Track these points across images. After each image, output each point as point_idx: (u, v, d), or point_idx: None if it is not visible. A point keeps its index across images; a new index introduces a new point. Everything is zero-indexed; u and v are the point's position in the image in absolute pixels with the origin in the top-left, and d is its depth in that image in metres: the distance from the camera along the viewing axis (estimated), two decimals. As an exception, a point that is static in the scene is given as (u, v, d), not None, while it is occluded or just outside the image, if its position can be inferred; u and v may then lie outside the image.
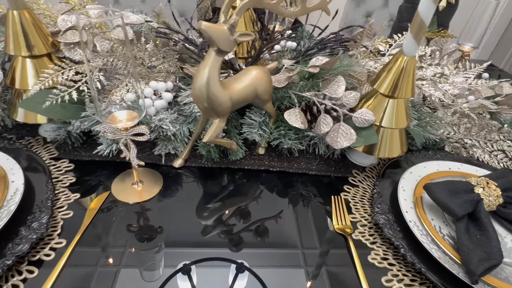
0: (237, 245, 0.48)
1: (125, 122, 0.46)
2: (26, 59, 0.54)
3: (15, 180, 0.48)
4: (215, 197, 0.56)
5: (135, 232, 0.48)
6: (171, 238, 0.48)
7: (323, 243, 0.51)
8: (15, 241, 0.42)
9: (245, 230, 0.51)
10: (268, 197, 0.58)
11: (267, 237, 0.50)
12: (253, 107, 0.62)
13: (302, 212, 0.55)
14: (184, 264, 0.42)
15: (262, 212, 0.55)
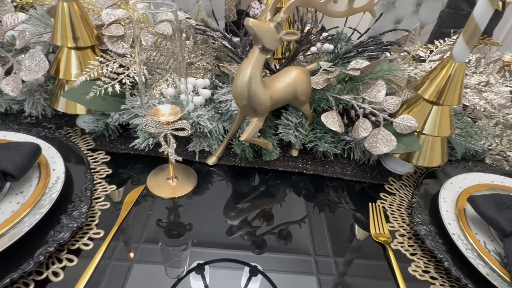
0: (255, 248, 0.47)
1: (167, 116, 0.46)
2: (71, 50, 0.55)
3: (56, 169, 0.49)
4: (245, 197, 0.55)
5: (164, 228, 0.48)
6: (192, 237, 0.47)
7: (354, 251, 0.49)
8: (57, 229, 0.42)
9: (268, 233, 0.49)
10: (297, 201, 0.57)
11: (290, 242, 0.49)
12: (289, 108, 0.61)
13: (331, 219, 0.54)
14: (198, 264, 0.41)
15: (290, 215, 0.53)
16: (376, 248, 0.49)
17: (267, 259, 0.45)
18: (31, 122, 0.62)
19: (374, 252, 0.49)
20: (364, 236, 0.51)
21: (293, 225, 0.52)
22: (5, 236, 0.39)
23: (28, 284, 0.38)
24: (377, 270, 0.47)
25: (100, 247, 0.42)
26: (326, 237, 0.50)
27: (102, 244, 0.43)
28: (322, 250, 0.48)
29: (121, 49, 0.57)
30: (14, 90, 0.53)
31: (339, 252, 0.48)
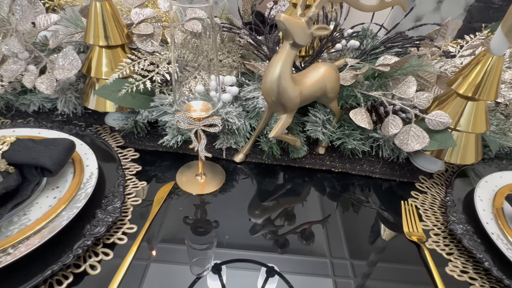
0: (277, 248, 0.46)
1: (199, 112, 0.46)
2: (102, 49, 0.56)
3: (89, 165, 0.50)
4: (270, 196, 0.55)
5: (191, 225, 0.48)
6: (217, 236, 0.47)
7: (382, 251, 0.48)
8: (93, 223, 0.43)
9: (290, 232, 0.48)
10: (322, 200, 0.55)
11: (311, 242, 0.48)
12: (316, 105, 0.60)
13: (357, 218, 0.53)
14: (215, 263, 0.41)
15: (314, 214, 0.52)
16: (407, 248, 0.48)
17: (286, 260, 0.44)
18: (62, 120, 0.64)
19: (405, 252, 0.48)
20: (390, 235, 0.50)
21: (316, 225, 0.51)
22: (45, 229, 0.39)
23: (67, 276, 0.38)
24: (409, 271, 0.45)
25: (134, 242, 0.43)
26: (349, 237, 0.49)
27: (136, 238, 0.43)
28: (348, 252, 0.47)
29: (150, 47, 0.58)
30: (49, 89, 0.55)
31: (365, 252, 0.47)
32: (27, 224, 0.41)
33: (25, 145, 0.45)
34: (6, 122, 0.61)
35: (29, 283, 0.35)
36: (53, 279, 0.38)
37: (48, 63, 0.58)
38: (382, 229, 0.51)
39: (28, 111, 0.64)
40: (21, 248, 0.37)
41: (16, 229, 0.40)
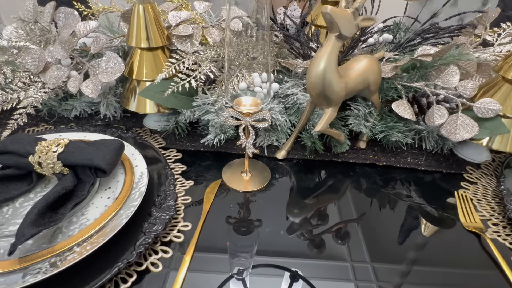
0: (312, 248, 0.44)
1: (248, 106, 0.46)
2: (143, 52, 0.57)
3: (138, 165, 0.50)
4: (311, 193, 0.54)
5: (236, 223, 0.47)
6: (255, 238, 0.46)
7: (439, 244, 0.46)
8: (150, 221, 0.42)
9: (326, 232, 0.46)
10: (363, 196, 0.54)
11: (347, 241, 0.45)
12: (357, 99, 0.60)
13: (403, 213, 0.51)
14: (238, 269, 0.39)
15: (355, 211, 0.51)
16: (462, 238, 0.46)
17: (316, 264, 0.42)
18: (102, 124, 0.64)
19: (464, 244, 0.46)
20: (433, 230, 0.48)
21: (353, 223, 0.48)
22: (106, 228, 0.39)
23: (130, 274, 0.38)
24: (468, 261, 0.44)
25: (192, 239, 0.42)
26: (388, 237, 0.47)
27: (193, 235, 0.43)
28: (386, 255, 0.45)
29: (190, 48, 0.58)
30: (93, 92, 0.55)
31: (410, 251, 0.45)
32: (87, 223, 0.41)
33: (78, 146, 0.46)
34: (49, 128, 0.62)
35: (97, 281, 0.35)
36: (117, 277, 0.38)
37: (89, 68, 0.59)
38: (423, 224, 0.50)
39: (70, 117, 0.65)
40: (87, 246, 0.37)
41: (77, 229, 0.40)
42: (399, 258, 0.43)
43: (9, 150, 0.44)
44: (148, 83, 0.58)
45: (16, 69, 0.61)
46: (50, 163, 0.44)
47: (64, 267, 0.34)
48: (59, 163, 0.44)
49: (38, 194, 0.46)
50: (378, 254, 0.43)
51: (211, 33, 0.58)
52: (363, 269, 0.42)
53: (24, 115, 0.59)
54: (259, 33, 0.46)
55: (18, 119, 0.58)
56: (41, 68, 0.60)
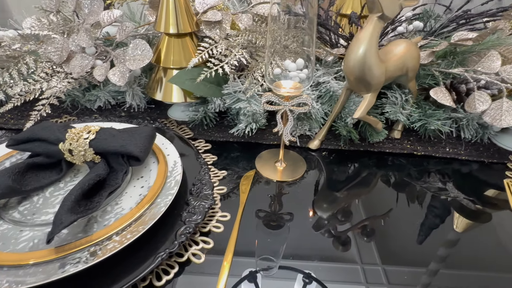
0: (338, 245, 0.40)
1: (288, 89, 0.44)
2: (171, 38, 0.55)
3: (170, 154, 0.48)
4: (343, 185, 0.50)
5: (262, 218, 0.44)
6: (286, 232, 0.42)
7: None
8: (188, 210, 0.40)
9: (354, 227, 0.43)
10: (396, 188, 0.51)
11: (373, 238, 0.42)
12: (393, 86, 0.57)
13: (435, 206, 0.47)
14: (250, 272, 0.37)
15: (387, 205, 0.47)
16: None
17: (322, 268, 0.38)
18: (126, 115, 0.62)
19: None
20: (467, 225, 0.45)
21: (387, 218, 0.45)
22: (145, 216, 0.37)
23: (172, 266, 0.36)
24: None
25: (233, 230, 0.40)
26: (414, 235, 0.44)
27: (233, 226, 0.41)
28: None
29: (218, 35, 0.56)
30: (121, 80, 0.53)
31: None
32: (122, 213, 0.39)
33: (110, 133, 0.44)
34: (72, 119, 0.60)
35: (139, 272, 0.33)
36: (158, 269, 0.35)
37: (114, 56, 0.57)
38: (456, 219, 0.46)
39: (93, 108, 0.63)
40: (127, 235, 0.35)
41: (112, 218, 0.38)
42: (429, 258, 0.39)
43: (38, 137, 0.42)
44: (175, 71, 0.56)
45: (38, 59, 0.59)
46: (82, 150, 0.42)
47: (105, 257, 0.32)
48: (91, 151, 0.42)
49: (68, 184, 0.44)
50: (407, 254, 0.40)
51: (240, 19, 0.56)
52: (395, 272, 0.39)
53: (47, 106, 0.57)
54: (298, 19, 0.43)
55: (41, 110, 0.56)
56: (64, 58, 0.58)
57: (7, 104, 0.57)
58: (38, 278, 0.30)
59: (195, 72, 0.54)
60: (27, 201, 0.41)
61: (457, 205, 0.48)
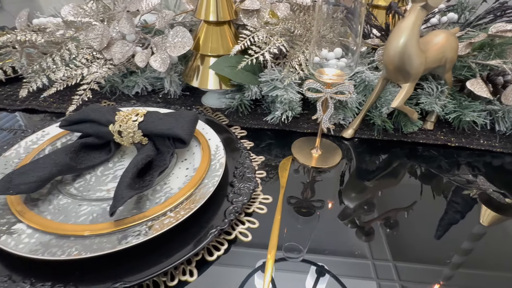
0: (361, 235, 0.41)
1: (330, 76, 0.45)
2: (210, 26, 0.56)
3: (211, 138, 0.49)
4: (372, 175, 0.51)
5: (292, 205, 0.44)
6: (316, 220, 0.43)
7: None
8: (234, 191, 0.42)
9: (377, 219, 0.43)
10: (424, 180, 0.51)
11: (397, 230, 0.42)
12: (428, 77, 0.57)
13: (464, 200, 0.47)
14: (263, 262, 0.37)
15: (412, 197, 0.47)
16: None
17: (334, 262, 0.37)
18: (162, 102, 0.64)
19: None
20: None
21: (411, 211, 0.45)
22: (195, 195, 0.39)
23: (221, 243, 0.37)
24: None
25: (276, 211, 0.41)
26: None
27: (276, 208, 0.42)
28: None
29: (256, 23, 0.57)
30: (162, 66, 0.55)
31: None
32: (171, 192, 0.41)
33: (157, 116, 0.45)
34: (111, 104, 0.62)
35: (193, 247, 0.34)
36: (209, 245, 0.37)
37: (153, 43, 0.58)
38: (483, 211, 0.46)
39: (130, 94, 0.65)
40: (180, 211, 0.36)
41: (163, 196, 0.40)
42: (447, 254, 0.39)
43: (90, 118, 0.44)
44: (212, 58, 0.58)
45: (79, 45, 0.61)
46: (131, 132, 0.44)
47: (163, 230, 0.34)
48: (139, 132, 0.44)
49: (116, 164, 0.46)
50: (423, 251, 0.39)
51: (278, 8, 0.57)
52: (405, 269, 0.39)
53: (88, 91, 0.59)
54: (338, 9, 0.44)
55: (83, 95, 0.58)
56: (104, 44, 0.60)
57: (51, 89, 0.59)
58: (104, 247, 0.32)
59: (233, 59, 0.55)
60: (81, 178, 0.43)
61: (486, 198, 0.48)
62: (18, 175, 0.36)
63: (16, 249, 0.31)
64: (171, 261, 0.33)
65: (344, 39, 0.46)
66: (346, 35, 0.46)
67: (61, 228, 0.33)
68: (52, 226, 0.34)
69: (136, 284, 0.31)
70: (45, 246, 0.32)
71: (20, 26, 0.61)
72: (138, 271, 0.32)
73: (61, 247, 0.32)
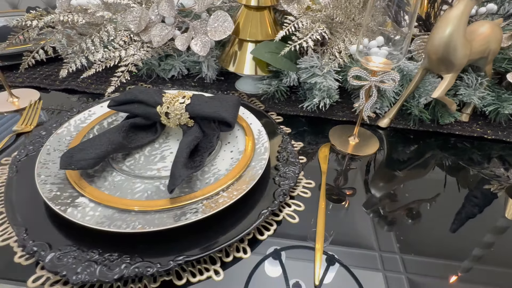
0: (381, 227, 0.41)
1: (377, 64, 0.45)
2: (250, 11, 0.56)
3: (252, 123, 0.50)
4: (404, 165, 0.51)
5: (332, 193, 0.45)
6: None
7: None
8: (280, 175, 0.43)
9: (401, 209, 0.43)
10: (452, 172, 0.51)
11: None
12: (468, 68, 0.57)
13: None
14: (275, 249, 0.38)
15: (436, 190, 0.47)
16: None
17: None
18: (198, 85, 0.65)
19: None
20: None
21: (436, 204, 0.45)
22: (244, 177, 0.40)
23: (270, 223, 0.39)
24: None
25: (320, 198, 0.42)
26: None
27: (320, 191, 0.43)
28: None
29: (296, 10, 0.57)
30: (203, 50, 0.55)
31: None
32: (219, 173, 0.42)
33: (203, 99, 0.46)
34: (148, 87, 0.63)
35: (246, 226, 0.36)
36: (259, 225, 0.38)
37: (192, 27, 0.58)
38: (510, 205, 0.46)
39: (166, 78, 0.65)
40: (233, 191, 0.37)
41: (211, 177, 0.41)
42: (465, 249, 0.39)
43: (139, 99, 0.45)
44: (250, 43, 0.58)
45: (117, 27, 0.62)
46: (178, 113, 0.45)
47: (219, 208, 0.35)
48: (186, 114, 0.45)
49: (162, 145, 0.47)
50: (443, 244, 0.39)
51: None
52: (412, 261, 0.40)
53: (126, 73, 0.60)
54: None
55: (121, 77, 0.59)
56: (142, 27, 0.61)
57: (90, 70, 0.60)
58: (165, 223, 0.33)
59: (273, 45, 0.55)
60: (131, 157, 0.44)
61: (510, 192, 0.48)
62: (78, 151, 0.37)
63: (83, 220, 0.32)
64: (227, 238, 0.34)
65: (388, 28, 0.46)
66: (396, 23, 0.45)
67: (122, 203, 0.35)
68: (113, 201, 0.35)
69: (198, 258, 0.32)
70: (110, 219, 0.33)
71: (61, 6, 0.61)
72: (196, 246, 0.33)
73: (125, 221, 0.33)
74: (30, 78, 0.64)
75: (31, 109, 0.55)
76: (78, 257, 0.31)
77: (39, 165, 0.39)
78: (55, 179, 0.38)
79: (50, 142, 0.43)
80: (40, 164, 0.39)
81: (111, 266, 0.30)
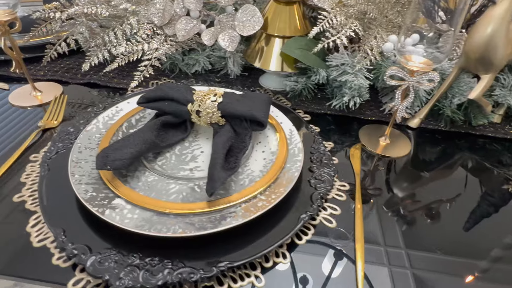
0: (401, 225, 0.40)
1: (416, 63, 0.43)
2: (280, 6, 0.54)
3: (283, 122, 0.49)
4: (432, 166, 0.50)
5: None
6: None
7: None
8: (315, 177, 0.42)
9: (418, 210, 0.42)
10: (476, 173, 0.50)
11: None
12: (505, 68, 0.55)
13: None
14: (313, 254, 0.37)
15: (456, 190, 0.46)
16: None
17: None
18: (222, 81, 0.63)
19: None
20: None
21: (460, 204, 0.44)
22: (281, 179, 0.39)
23: (308, 227, 0.38)
24: None
25: (356, 200, 0.41)
26: None
27: (354, 195, 0.42)
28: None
29: (327, 4, 0.55)
30: (231, 45, 0.54)
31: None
32: (253, 174, 0.41)
33: (234, 97, 0.45)
34: (171, 81, 0.62)
35: (286, 231, 0.35)
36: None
37: (218, 21, 0.57)
38: None
39: (189, 73, 0.64)
40: (271, 195, 0.37)
41: (245, 179, 0.40)
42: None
43: (169, 97, 0.44)
44: (277, 39, 0.56)
45: (140, 20, 0.60)
46: (210, 112, 0.43)
47: (259, 213, 0.34)
48: (218, 113, 0.44)
49: (192, 144, 0.46)
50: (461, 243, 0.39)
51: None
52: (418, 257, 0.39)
53: (149, 67, 0.58)
54: None
55: (144, 71, 0.58)
56: (166, 20, 0.59)
57: (113, 63, 0.59)
58: (206, 227, 0.32)
59: (303, 42, 0.53)
60: (162, 156, 0.43)
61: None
62: (113, 151, 0.37)
63: (122, 223, 0.32)
64: (267, 243, 0.33)
65: (422, 25, 0.44)
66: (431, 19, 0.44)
67: (160, 206, 0.34)
68: (150, 203, 0.34)
69: (240, 264, 0.31)
70: (149, 222, 0.32)
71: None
72: (235, 251, 0.33)
73: (164, 224, 0.32)
74: (51, 71, 0.63)
75: (56, 104, 0.54)
76: (119, 261, 0.30)
77: (71, 164, 0.38)
78: (89, 179, 0.37)
79: (80, 139, 0.42)
80: (72, 163, 0.38)
81: (153, 272, 0.30)
